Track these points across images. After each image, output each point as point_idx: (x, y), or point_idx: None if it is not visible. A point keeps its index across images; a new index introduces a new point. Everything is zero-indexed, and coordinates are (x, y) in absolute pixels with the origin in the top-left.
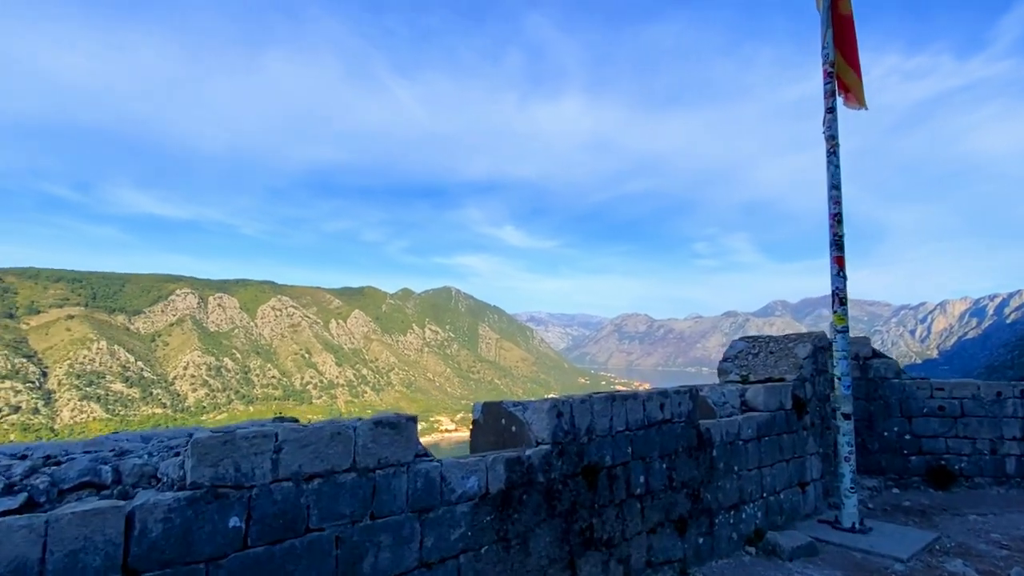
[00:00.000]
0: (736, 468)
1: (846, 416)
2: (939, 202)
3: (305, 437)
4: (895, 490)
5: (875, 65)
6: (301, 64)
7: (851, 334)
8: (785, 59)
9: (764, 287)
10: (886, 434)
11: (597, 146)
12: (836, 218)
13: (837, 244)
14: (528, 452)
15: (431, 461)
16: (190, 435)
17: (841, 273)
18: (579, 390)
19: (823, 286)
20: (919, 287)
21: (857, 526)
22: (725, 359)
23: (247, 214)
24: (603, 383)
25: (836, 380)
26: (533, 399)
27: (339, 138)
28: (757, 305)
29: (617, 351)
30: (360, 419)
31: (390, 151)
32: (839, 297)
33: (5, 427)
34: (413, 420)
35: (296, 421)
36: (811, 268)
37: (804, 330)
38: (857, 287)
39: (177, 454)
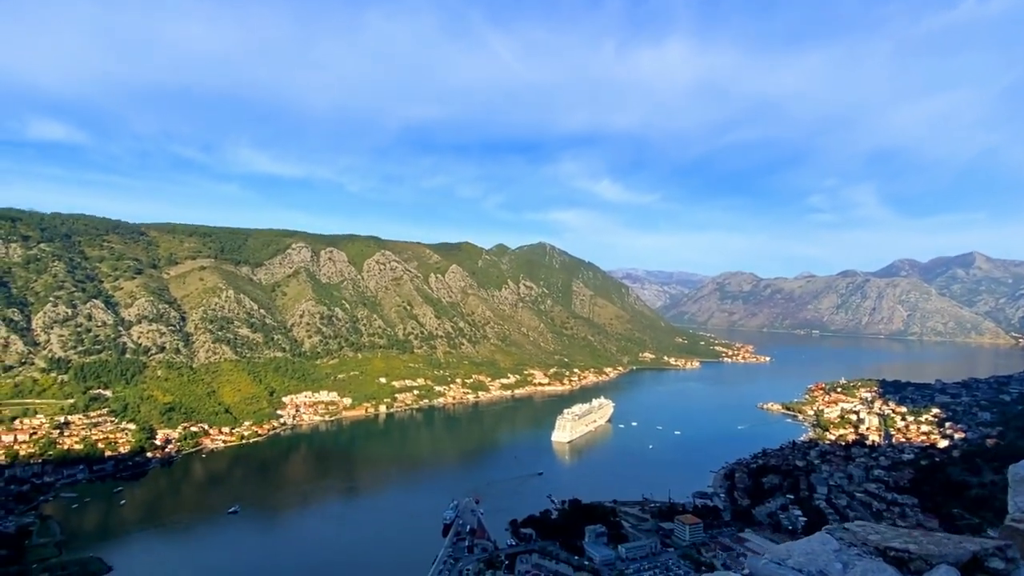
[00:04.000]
0: None
1: None
2: None
3: None
4: None
5: None
6: (401, 22)
7: (994, 298)
8: None
9: (888, 245)
10: None
11: (704, 92)
12: None
13: None
14: None
15: None
16: None
17: None
18: (676, 350)
19: (960, 243)
20: None
21: None
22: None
23: (353, 172)
24: (702, 343)
25: None
26: None
27: (436, 94)
28: (879, 264)
29: (718, 311)
30: None
31: (486, 106)
32: None
33: (153, 363)
34: None
35: None
36: (947, 224)
37: (933, 292)
38: (1003, 245)
39: None
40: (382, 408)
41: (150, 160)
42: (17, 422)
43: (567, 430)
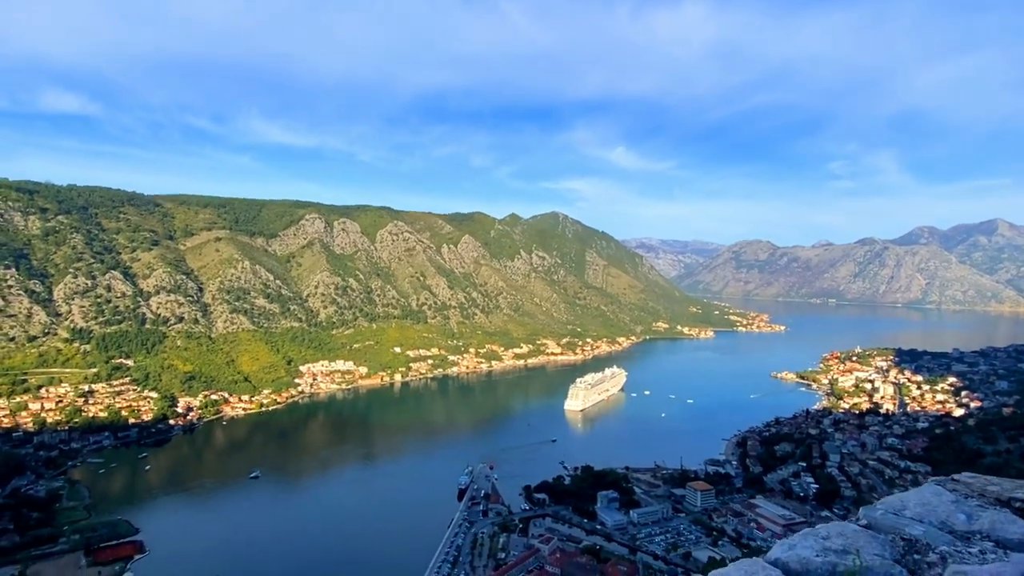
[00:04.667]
0: None
1: None
2: None
3: None
4: None
5: None
6: None
7: None
8: None
9: (908, 212)
10: None
11: (722, 55)
12: None
13: None
14: None
15: None
16: None
17: None
18: (690, 319)
19: (982, 210)
20: None
21: None
22: None
23: (364, 141)
24: (716, 313)
25: None
26: None
27: (448, 61)
28: (899, 232)
29: (733, 280)
30: None
31: (498, 72)
32: None
33: (173, 334)
34: None
35: None
36: (970, 190)
37: (954, 260)
38: None
39: None
40: (397, 377)
41: (163, 131)
42: (43, 390)
43: (580, 399)
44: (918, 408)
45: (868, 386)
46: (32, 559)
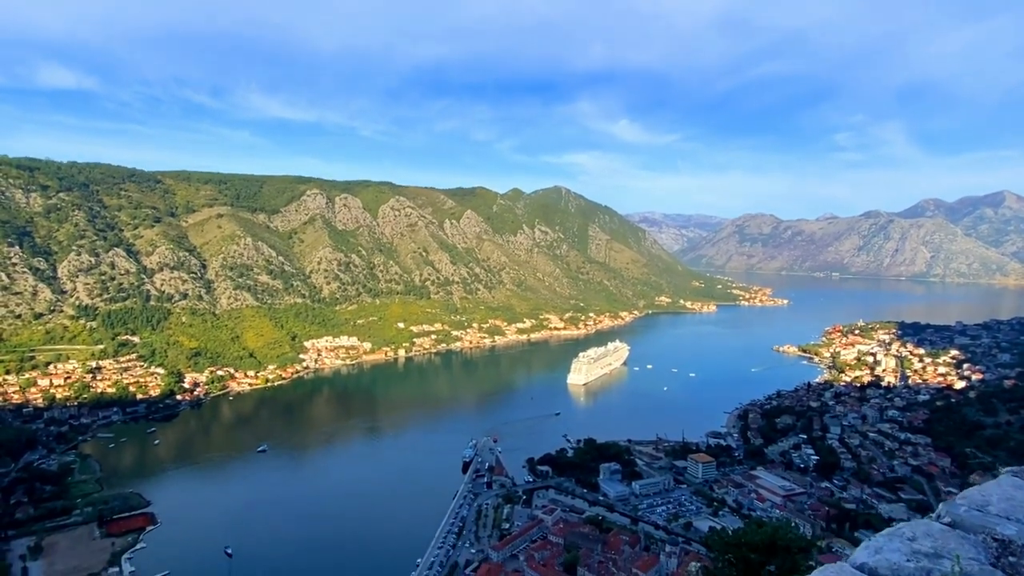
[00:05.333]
0: None
1: None
2: None
3: None
4: None
5: None
6: None
7: None
8: None
9: (914, 184)
10: None
11: (728, 24)
12: None
13: None
14: None
15: None
16: None
17: None
18: (693, 293)
19: (989, 182)
20: None
21: None
22: None
23: (365, 115)
24: (719, 287)
25: None
26: None
27: (448, 32)
28: (904, 204)
29: (736, 254)
30: None
31: (500, 43)
32: None
33: (178, 310)
34: None
35: None
36: (977, 162)
37: (959, 233)
38: None
39: None
40: (401, 352)
41: (161, 106)
42: (51, 367)
43: (583, 373)
44: (919, 381)
45: (870, 359)
46: (47, 531)
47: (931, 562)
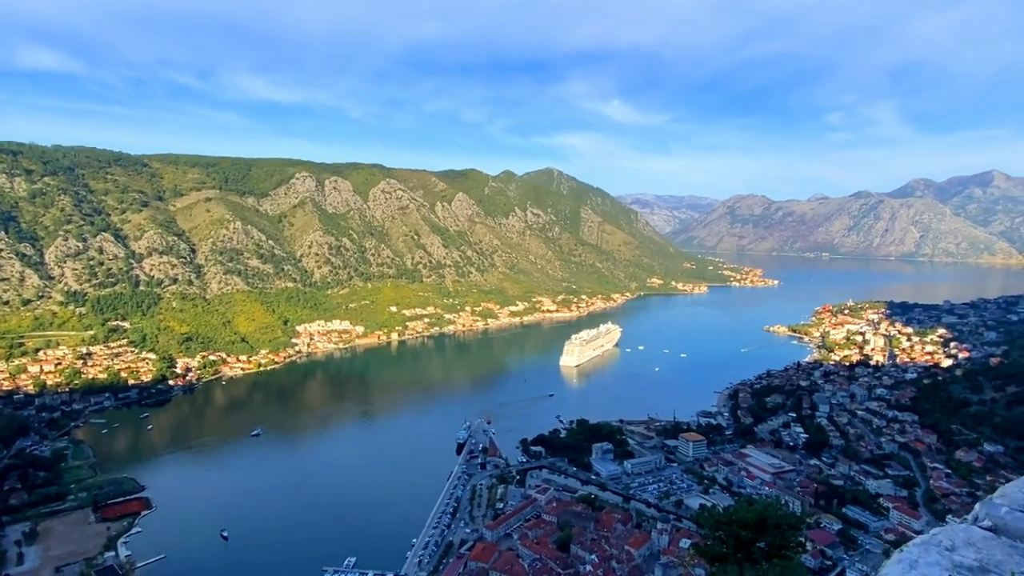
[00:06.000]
0: None
1: None
2: None
3: None
4: None
5: None
6: None
7: None
8: None
9: (905, 164)
10: None
11: (721, 3)
12: None
13: None
14: None
15: None
16: None
17: None
18: (684, 275)
19: (979, 162)
20: None
21: None
22: None
23: (353, 96)
24: (710, 268)
25: None
26: None
27: (437, 11)
28: (894, 185)
29: (728, 235)
30: None
31: (490, 21)
32: None
33: (168, 295)
34: None
35: None
36: (968, 141)
37: (948, 213)
38: None
39: None
40: (394, 336)
41: (146, 88)
42: (41, 353)
43: (575, 354)
44: (907, 359)
45: (859, 338)
46: (41, 516)
47: None
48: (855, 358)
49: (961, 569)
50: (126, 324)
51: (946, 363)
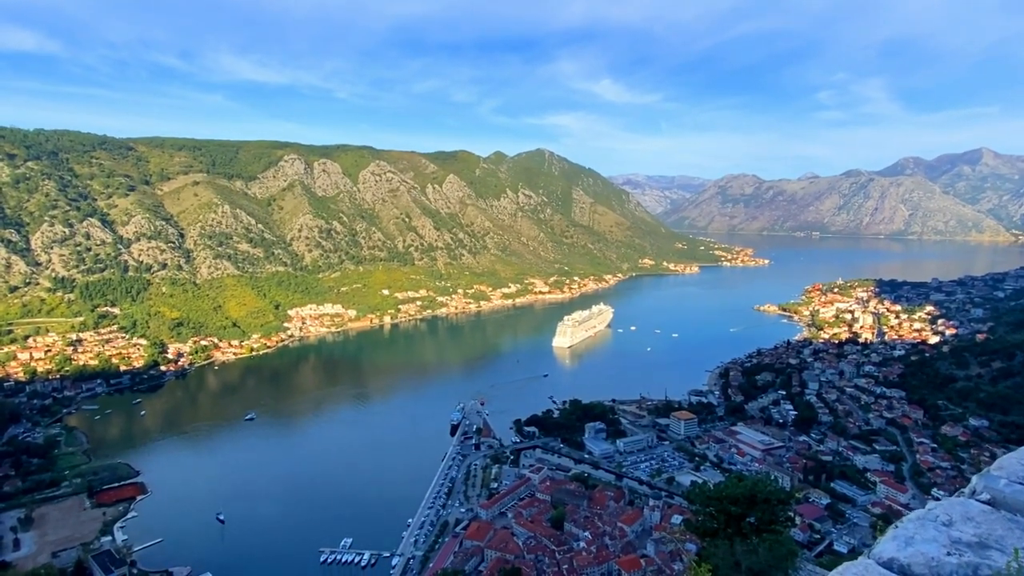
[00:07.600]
0: None
1: None
2: None
3: None
4: None
5: None
6: None
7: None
8: None
9: (895, 142)
10: None
11: None
12: None
13: None
14: None
15: None
16: None
17: None
18: (675, 255)
19: (968, 139)
20: None
21: None
22: None
23: (340, 77)
24: (701, 248)
25: None
26: None
27: None
28: (884, 163)
29: (719, 215)
30: None
31: None
32: None
33: (157, 280)
34: None
35: None
36: (958, 119)
37: (937, 191)
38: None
39: None
40: (386, 319)
41: (128, 70)
42: (31, 340)
43: (567, 335)
44: (895, 337)
45: (848, 316)
46: (36, 503)
47: (976, 554)
48: (844, 336)
49: (959, 545)
50: (116, 310)
51: (933, 340)
